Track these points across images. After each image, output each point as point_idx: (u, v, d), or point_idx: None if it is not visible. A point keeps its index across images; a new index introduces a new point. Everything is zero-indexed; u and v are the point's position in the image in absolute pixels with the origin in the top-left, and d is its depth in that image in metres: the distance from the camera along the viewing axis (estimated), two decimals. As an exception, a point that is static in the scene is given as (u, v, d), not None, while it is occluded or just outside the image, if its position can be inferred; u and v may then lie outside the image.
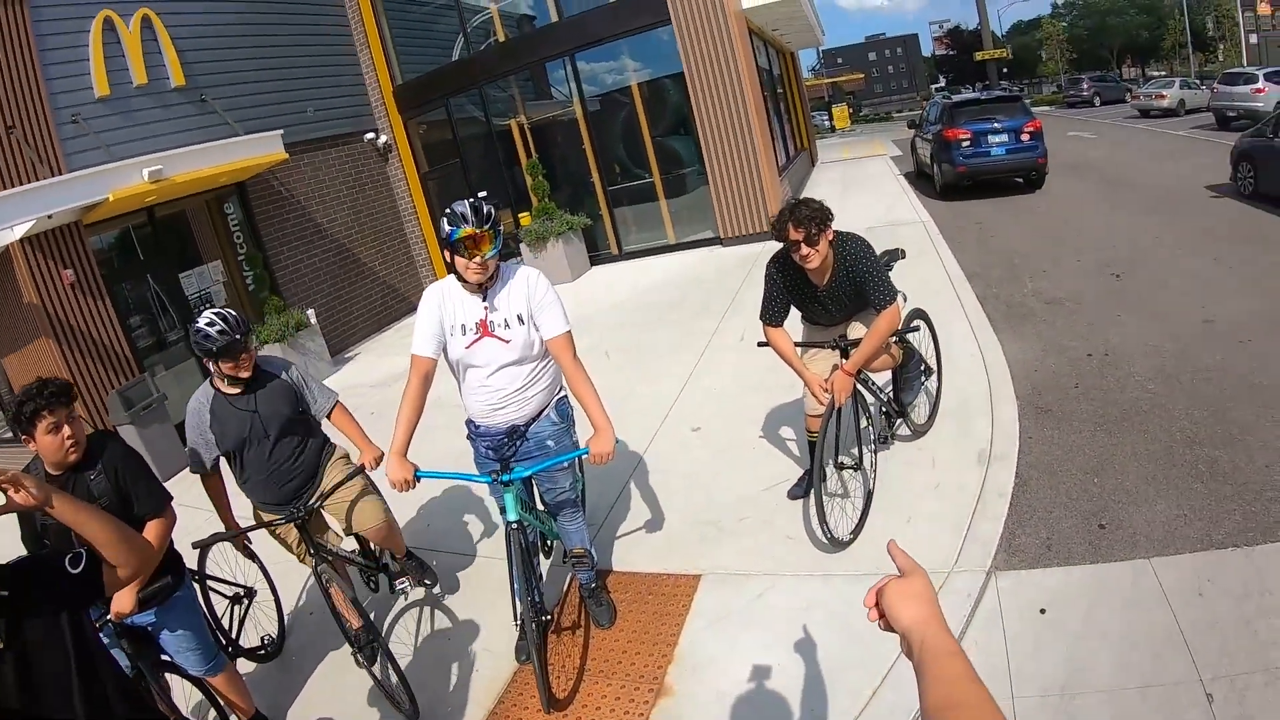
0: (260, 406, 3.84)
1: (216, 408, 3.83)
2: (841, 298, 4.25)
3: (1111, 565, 3.80)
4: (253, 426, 3.82)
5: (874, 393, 4.71)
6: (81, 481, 3.17)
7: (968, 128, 14.04)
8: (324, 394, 4.11)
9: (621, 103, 13.55)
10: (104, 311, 8.69)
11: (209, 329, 3.60)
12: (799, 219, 3.88)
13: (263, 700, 4.05)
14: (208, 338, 3.59)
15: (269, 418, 3.85)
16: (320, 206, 12.25)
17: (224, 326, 3.62)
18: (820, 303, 4.31)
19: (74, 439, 3.10)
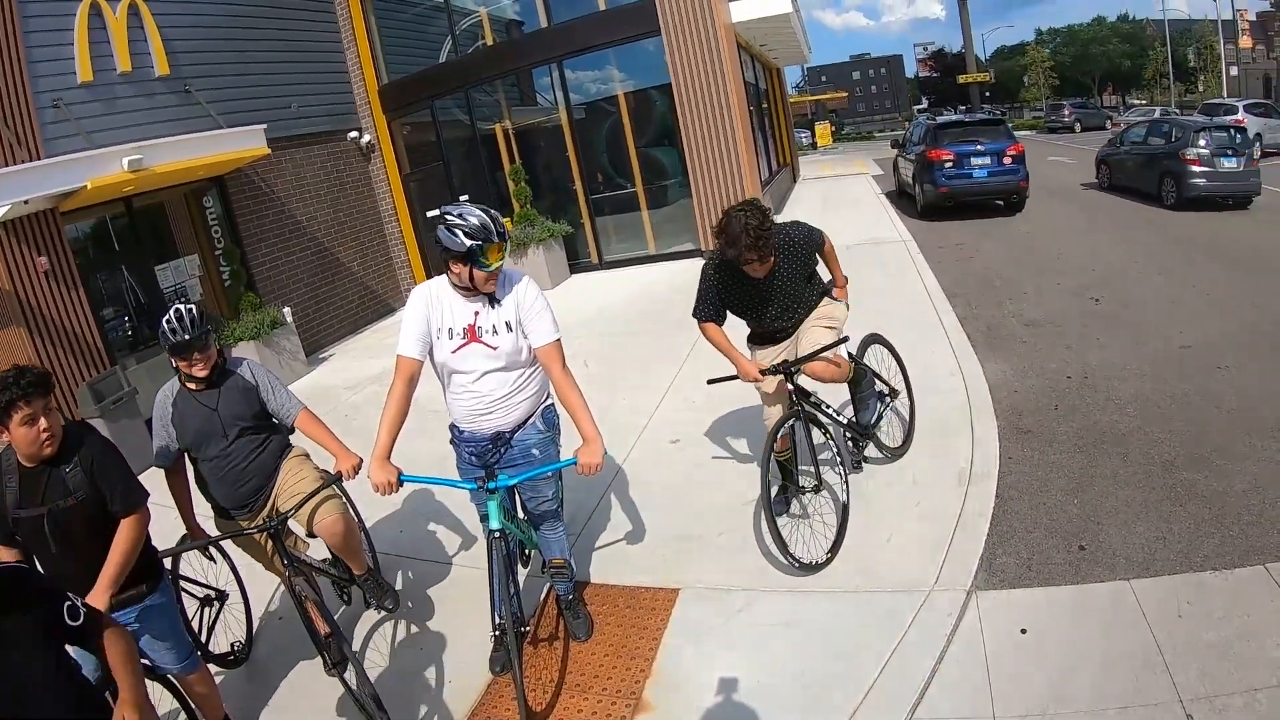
0: (220, 405, 3.79)
1: (179, 401, 3.80)
2: (783, 280, 4.29)
3: (1092, 586, 3.81)
4: (210, 424, 3.76)
5: (829, 415, 4.67)
6: (57, 476, 3.07)
7: (951, 149, 14.17)
8: (288, 401, 3.99)
9: (607, 111, 13.52)
10: (77, 301, 8.52)
11: (165, 325, 3.66)
12: (752, 244, 3.92)
13: (231, 705, 3.94)
14: (163, 334, 3.66)
15: (227, 417, 3.79)
16: (300, 204, 12.11)
17: (177, 325, 3.63)
18: (763, 295, 4.33)
19: (50, 432, 3.00)
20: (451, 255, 3.32)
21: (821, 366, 4.33)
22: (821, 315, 4.48)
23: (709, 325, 4.44)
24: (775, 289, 4.33)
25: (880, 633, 3.65)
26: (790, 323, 4.50)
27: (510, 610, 3.41)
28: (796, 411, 4.38)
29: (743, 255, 3.96)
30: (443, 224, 3.30)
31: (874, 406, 4.99)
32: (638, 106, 13.38)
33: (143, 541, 3.27)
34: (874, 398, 4.99)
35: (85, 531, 3.08)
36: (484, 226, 3.26)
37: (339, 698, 3.89)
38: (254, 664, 4.41)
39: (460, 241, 3.25)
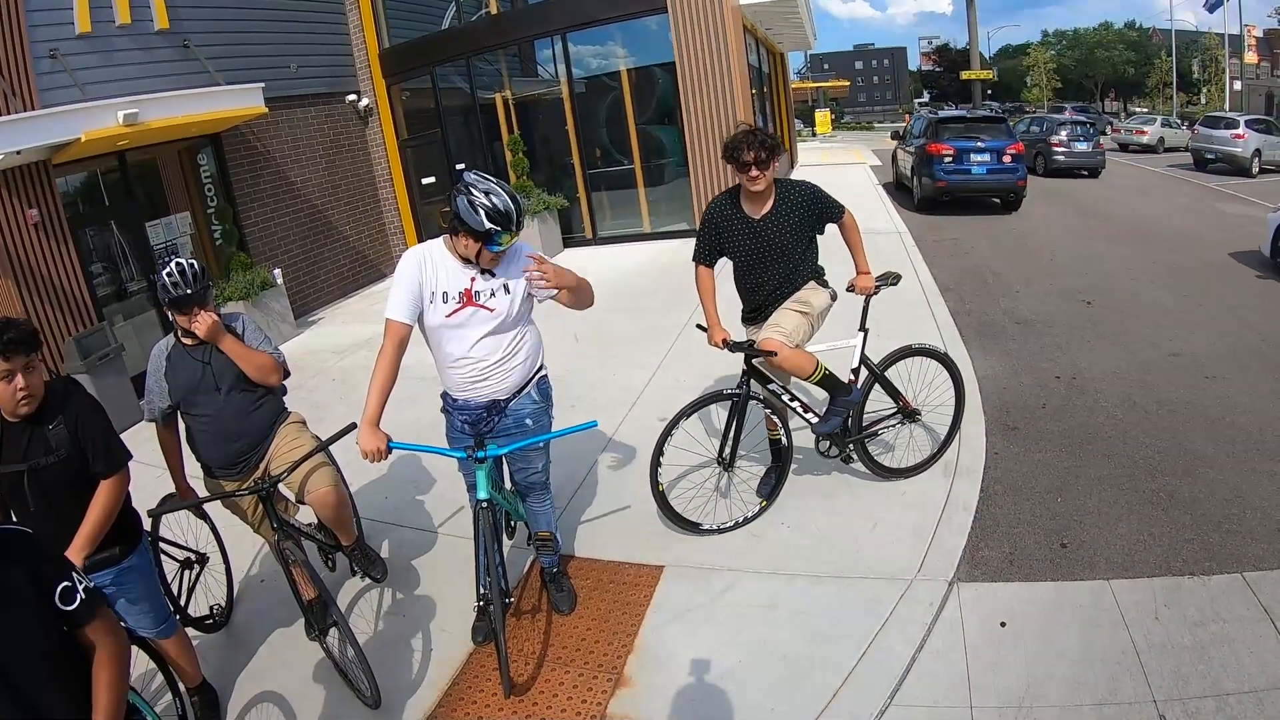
0: (213, 359, 3.74)
1: (174, 356, 3.75)
2: (777, 229, 4.30)
3: (1072, 584, 3.85)
4: (203, 378, 3.71)
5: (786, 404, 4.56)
6: (39, 433, 3.00)
7: (951, 144, 14.16)
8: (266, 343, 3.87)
9: (609, 87, 13.44)
10: (67, 255, 8.43)
11: (167, 279, 3.59)
12: (754, 142, 4.09)
13: (210, 669, 3.95)
14: (164, 287, 3.60)
15: (220, 371, 3.74)
16: (295, 165, 12.00)
17: (179, 279, 3.57)
18: (754, 236, 4.32)
19: (28, 391, 2.89)
20: (466, 229, 3.27)
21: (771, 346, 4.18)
22: (798, 298, 4.39)
23: (701, 269, 4.49)
24: (771, 238, 4.29)
25: (862, 619, 3.68)
26: (772, 295, 4.44)
27: (496, 582, 3.38)
28: (736, 393, 4.40)
29: (741, 148, 4.09)
30: (465, 195, 3.24)
31: (834, 422, 4.57)
32: (640, 84, 13.30)
33: (121, 503, 3.22)
34: (838, 414, 4.57)
35: (65, 490, 3.03)
36: (507, 214, 3.22)
37: (318, 662, 3.90)
38: (233, 627, 4.40)
39: (480, 221, 3.20)
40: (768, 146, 4.11)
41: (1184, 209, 14.99)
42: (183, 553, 4.37)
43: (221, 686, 3.90)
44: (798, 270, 4.41)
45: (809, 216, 4.32)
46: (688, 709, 3.35)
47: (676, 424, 4.37)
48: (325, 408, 7.09)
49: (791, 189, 4.32)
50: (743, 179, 4.20)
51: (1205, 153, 21.50)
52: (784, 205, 4.28)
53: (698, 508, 4.57)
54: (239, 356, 3.67)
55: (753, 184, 4.17)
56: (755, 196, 4.26)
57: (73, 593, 1.98)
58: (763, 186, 4.18)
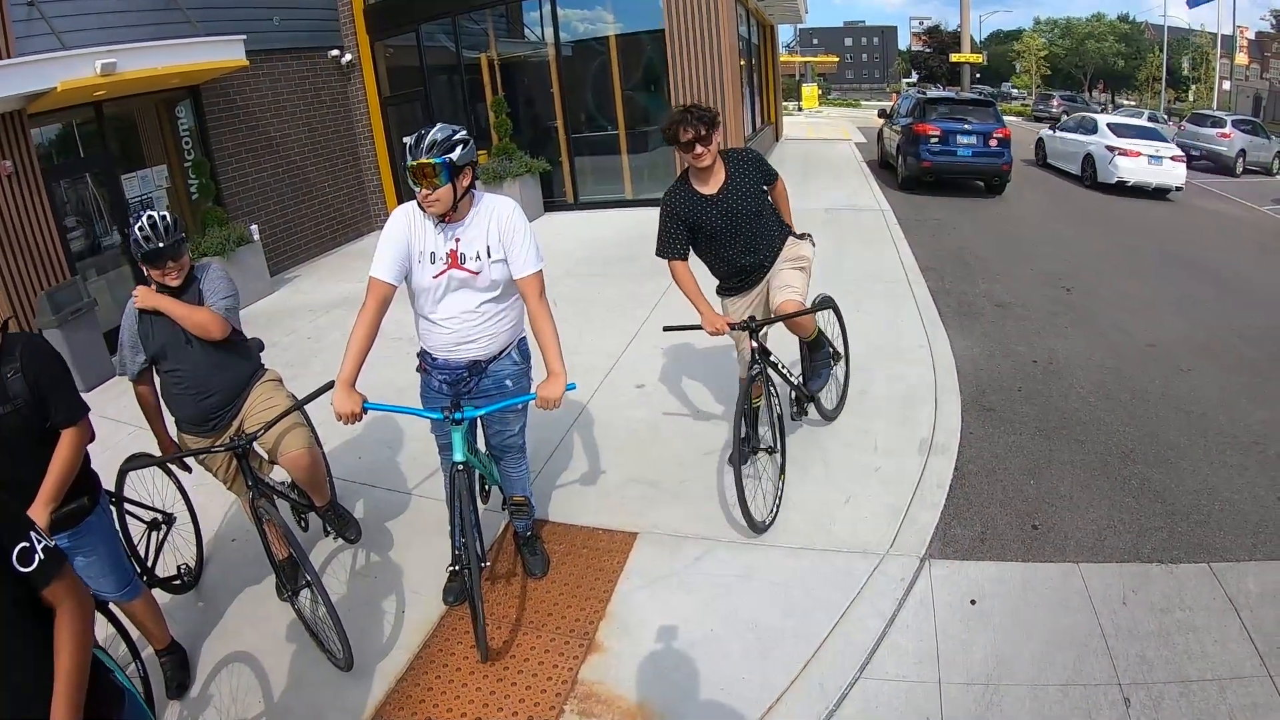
0: None
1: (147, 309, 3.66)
2: (736, 198, 4.25)
3: (1042, 565, 3.89)
4: (174, 332, 3.62)
5: (784, 376, 4.67)
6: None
7: (938, 125, 14.15)
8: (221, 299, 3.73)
9: (596, 52, 13.28)
10: (39, 207, 8.22)
11: (139, 232, 3.49)
12: (690, 120, 4.01)
13: (179, 630, 3.91)
14: (136, 241, 3.50)
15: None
16: (275, 120, 11.77)
17: (150, 233, 3.48)
18: (718, 212, 4.26)
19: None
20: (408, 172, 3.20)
21: (794, 308, 4.26)
22: (789, 256, 4.45)
23: (676, 264, 4.34)
24: (737, 208, 4.26)
25: (834, 592, 3.70)
26: (755, 260, 4.43)
27: (472, 545, 3.34)
28: (756, 372, 4.34)
29: (678, 128, 4.03)
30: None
31: (826, 375, 4.90)
32: (627, 49, 13.15)
33: (83, 453, 3.16)
34: (827, 366, 4.91)
35: (22, 441, 2.93)
36: (420, 135, 3.15)
37: (290, 623, 3.88)
38: (204, 587, 4.35)
39: (407, 155, 3.16)
40: (705, 120, 4.03)
41: (1167, 203, 15.09)
42: (149, 513, 4.29)
43: (191, 647, 3.86)
44: (771, 231, 4.42)
45: (759, 177, 4.33)
46: (658, 676, 3.36)
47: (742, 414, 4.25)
48: (299, 365, 7.01)
49: (739, 157, 4.31)
50: (688, 158, 4.14)
51: (1190, 150, 21.60)
52: (737, 173, 4.24)
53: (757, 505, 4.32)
54: (178, 317, 3.57)
55: (698, 160, 4.11)
56: (703, 173, 4.20)
57: (30, 553, 1.90)
58: (709, 162, 4.12)
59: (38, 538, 1.92)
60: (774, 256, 4.45)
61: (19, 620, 1.89)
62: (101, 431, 6.29)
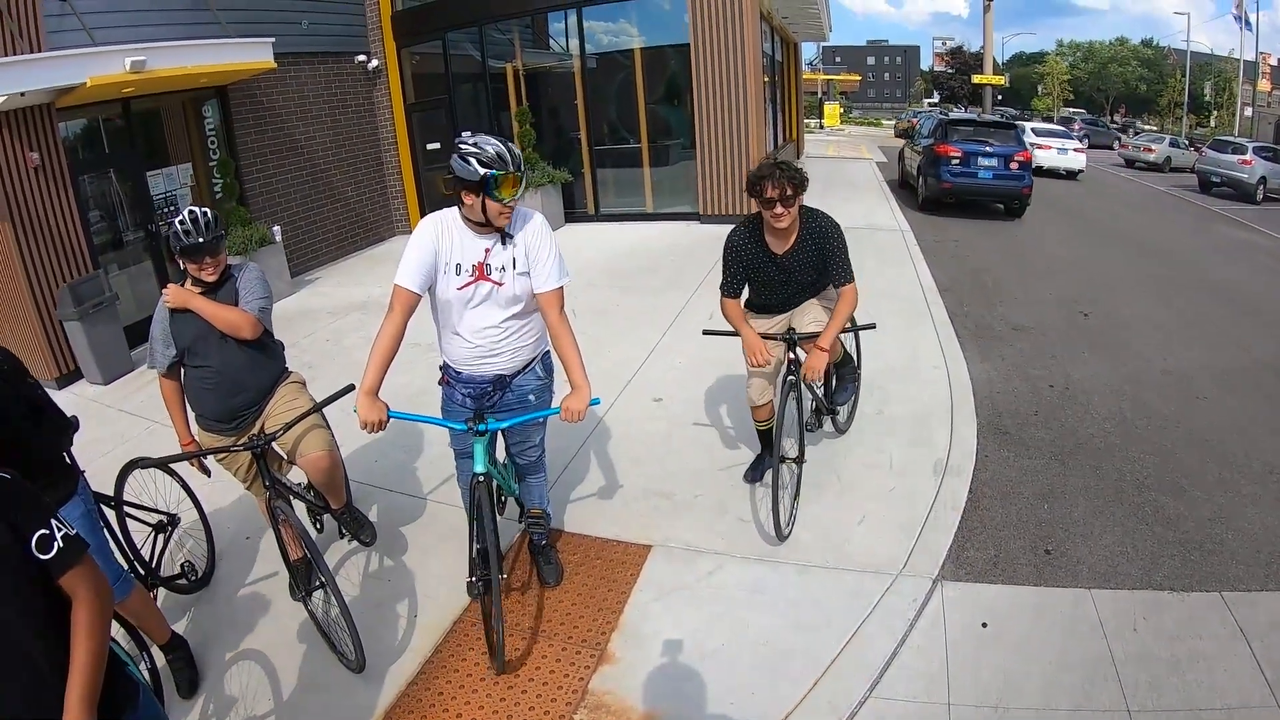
0: None
1: None
2: (800, 266, 4.25)
3: (1054, 590, 3.89)
4: (208, 328, 3.65)
5: (811, 390, 4.70)
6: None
7: (959, 146, 14.14)
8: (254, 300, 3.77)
9: (621, 65, 13.35)
10: (65, 200, 8.31)
11: (179, 226, 3.54)
12: (780, 177, 3.95)
13: (192, 628, 3.96)
14: (176, 235, 3.54)
15: None
16: (300, 123, 11.88)
17: (190, 227, 3.53)
18: (778, 269, 4.28)
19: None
20: (464, 185, 3.17)
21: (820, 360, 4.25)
22: (825, 297, 4.47)
23: (729, 301, 4.34)
24: (794, 272, 4.28)
25: (845, 611, 3.71)
26: (791, 303, 4.50)
27: (495, 559, 3.33)
28: (793, 381, 4.34)
29: (765, 184, 3.96)
30: (457, 152, 3.17)
31: (851, 389, 5.06)
32: (652, 63, 13.21)
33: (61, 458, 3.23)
34: (854, 379, 5.06)
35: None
36: (500, 156, 3.14)
37: (302, 623, 3.90)
38: (216, 585, 4.38)
39: (474, 170, 3.12)
40: (795, 183, 3.97)
41: (1186, 229, 15.07)
42: (153, 515, 4.28)
43: (202, 644, 3.88)
44: (818, 285, 4.44)
45: (821, 261, 4.25)
46: (669, 687, 3.37)
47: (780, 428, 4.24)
48: (317, 368, 7.07)
49: (818, 234, 4.21)
50: (766, 215, 4.09)
51: (1211, 176, 21.53)
52: (807, 240, 4.20)
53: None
54: (208, 315, 3.61)
55: (776, 220, 4.05)
56: (779, 232, 4.16)
57: (50, 541, 1.91)
58: (786, 224, 4.08)
59: (58, 525, 1.93)
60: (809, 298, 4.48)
61: (34, 608, 1.90)
62: (119, 426, 6.43)
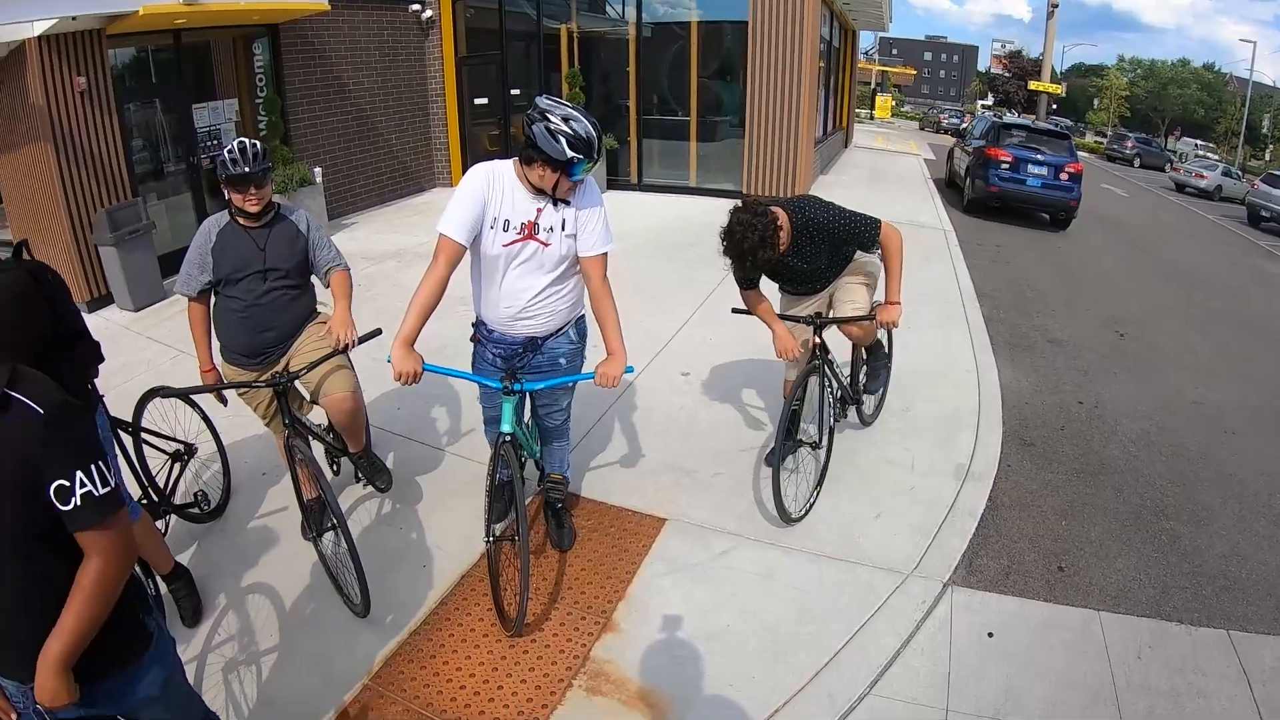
0: (268, 245, 3.74)
1: (226, 232, 3.74)
2: (805, 256, 4.20)
3: (1063, 608, 3.86)
4: (251, 261, 3.70)
5: (837, 377, 4.65)
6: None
7: (1011, 151, 13.93)
8: (335, 254, 3.94)
9: (676, 36, 13.24)
10: (109, 128, 8.33)
11: (227, 155, 3.60)
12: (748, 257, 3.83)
13: (200, 557, 4.01)
14: (224, 164, 3.60)
15: (272, 257, 3.74)
16: (349, 67, 11.85)
17: (238, 156, 3.58)
18: (786, 266, 4.25)
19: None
20: (543, 158, 3.09)
21: (854, 328, 4.39)
22: (856, 270, 4.43)
23: (749, 291, 4.30)
24: (800, 265, 4.25)
25: (854, 604, 3.70)
26: (821, 285, 4.47)
27: (522, 518, 3.34)
28: (817, 366, 4.32)
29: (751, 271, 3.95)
30: (541, 121, 3.06)
31: (883, 377, 5.07)
32: (708, 37, 13.09)
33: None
34: (885, 368, 5.06)
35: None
36: (589, 141, 3.07)
37: (311, 564, 3.95)
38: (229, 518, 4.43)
39: (561, 150, 3.04)
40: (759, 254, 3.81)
41: (1231, 261, 14.78)
42: (171, 444, 4.31)
43: (210, 575, 3.93)
44: (836, 265, 4.39)
45: (832, 242, 4.19)
46: (670, 662, 3.38)
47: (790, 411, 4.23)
48: (348, 311, 7.09)
49: (812, 227, 4.09)
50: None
51: (1261, 210, 21.04)
52: (802, 236, 4.10)
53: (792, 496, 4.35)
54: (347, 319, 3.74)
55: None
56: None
57: (68, 493, 1.82)
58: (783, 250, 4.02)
59: (83, 480, 1.84)
60: (841, 273, 4.44)
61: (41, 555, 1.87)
62: (146, 354, 6.50)
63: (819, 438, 4.49)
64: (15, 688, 1.99)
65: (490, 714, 3.15)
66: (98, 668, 1.94)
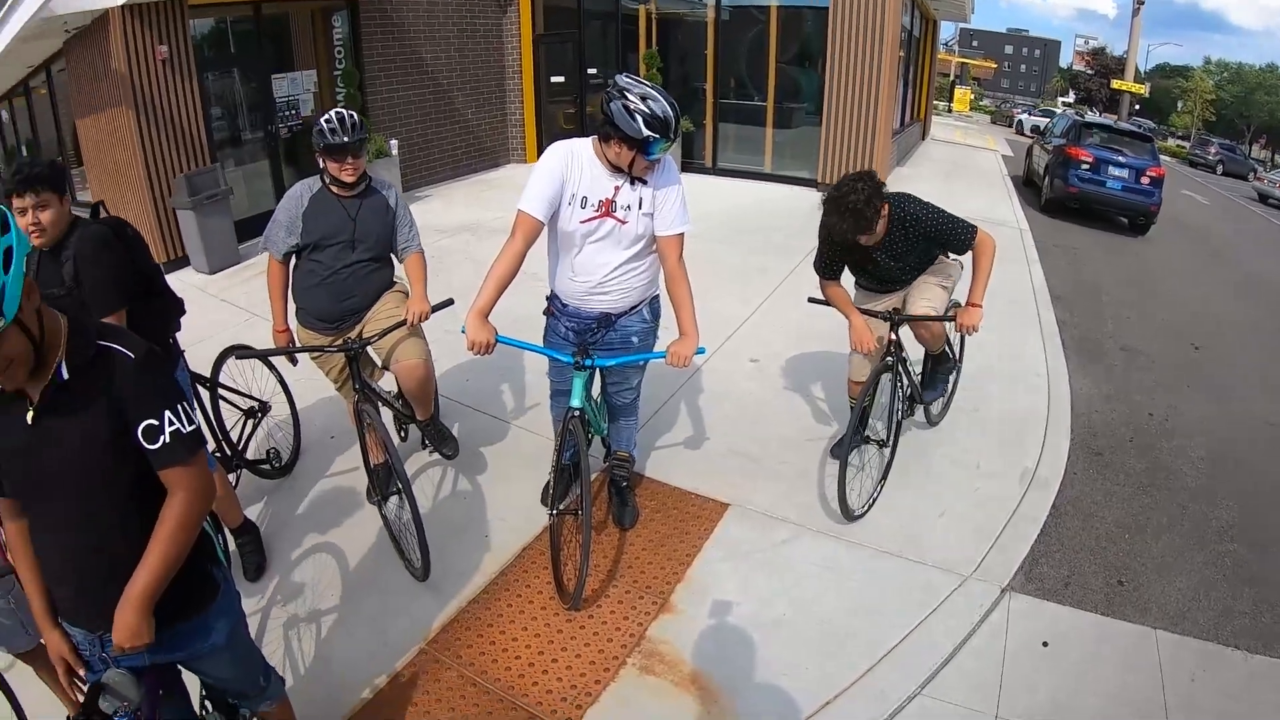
0: (359, 215, 3.83)
1: (319, 198, 3.83)
2: (894, 253, 4.17)
3: (1120, 623, 3.79)
4: (341, 229, 3.80)
5: (909, 374, 4.61)
6: (52, 266, 3.11)
7: (1091, 151, 13.54)
8: (415, 235, 4.04)
9: (755, 20, 13.08)
10: (190, 95, 8.57)
11: (325, 124, 3.68)
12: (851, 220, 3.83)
13: (267, 513, 4.16)
14: (321, 132, 3.69)
15: (363, 228, 3.84)
16: (427, 42, 11.99)
17: (336, 126, 3.67)
18: (873, 261, 4.24)
19: (36, 224, 3.03)
20: (620, 135, 3.12)
21: (924, 329, 4.33)
22: (937, 271, 4.39)
23: (829, 282, 4.32)
24: (887, 262, 4.23)
25: (911, 603, 3.69)
26: (901, 284, 4.45)
27: (588, 492, 3.39)
28: (890, 364, 4.30)
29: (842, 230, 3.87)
30: (619, 99, 3.09)
31: (941, 389, 4.99)
32: (787, 22, 12.91)
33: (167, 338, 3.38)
34: (945, 380, 4.99)
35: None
36: (666, 121, 3.08)
37: (374, 525, 4.06)
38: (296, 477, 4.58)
39: (638, 128, 3.06)
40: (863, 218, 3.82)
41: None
42: (246, 401, 4.47)
43: (275, 532, 4.08)
44: (921, 265, 4.35)
45: (925, 242, 4.16)
46: (723, 648, 3.42)
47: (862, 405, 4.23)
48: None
49: (909, 221, 4.06)
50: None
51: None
52: (897, 229, 4.08)
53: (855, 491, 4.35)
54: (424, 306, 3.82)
55: (864, 242, 4.03)
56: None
57: (157, 432, 1.92)
58: (875, 240, 4.03)
59: (171, 419, 1.94)
60: (921, 273, 4.40)
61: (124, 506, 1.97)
62: (219, 315, 6.72)
63: (886, 435, 4.48)
64: (84, 636, 2.09)
65: (543, 686, 3.22)
66: (168, 614, 2.02)
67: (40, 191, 3.00)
